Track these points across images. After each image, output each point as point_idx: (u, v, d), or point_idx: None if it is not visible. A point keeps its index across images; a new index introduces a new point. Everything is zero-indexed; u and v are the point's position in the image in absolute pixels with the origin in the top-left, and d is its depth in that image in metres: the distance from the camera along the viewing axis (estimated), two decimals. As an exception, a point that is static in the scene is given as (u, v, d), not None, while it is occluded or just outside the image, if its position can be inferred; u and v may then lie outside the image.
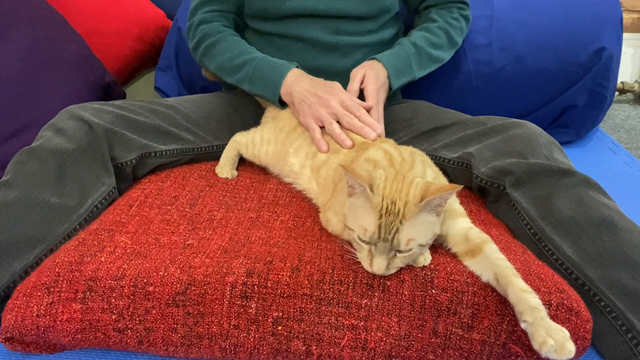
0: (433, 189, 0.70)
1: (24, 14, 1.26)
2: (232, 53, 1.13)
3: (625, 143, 1.80)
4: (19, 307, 0.73)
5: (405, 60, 1.12)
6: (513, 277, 0.69)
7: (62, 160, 0.89)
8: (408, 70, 1.13)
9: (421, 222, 0.70)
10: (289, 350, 0.73)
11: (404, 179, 0.72)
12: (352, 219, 0.72)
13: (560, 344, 0.61)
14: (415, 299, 0.73)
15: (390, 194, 0.70)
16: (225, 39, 1.15)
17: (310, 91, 1.02)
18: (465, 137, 1.01)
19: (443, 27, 1.19)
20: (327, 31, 1.13)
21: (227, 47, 1.14)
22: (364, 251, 0.71)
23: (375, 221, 0.69)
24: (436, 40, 1.18)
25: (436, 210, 0.71)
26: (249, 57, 1.10)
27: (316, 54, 1.14)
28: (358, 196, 0.72)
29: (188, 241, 0.82)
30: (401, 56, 1.13)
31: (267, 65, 1.09)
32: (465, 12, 1.25)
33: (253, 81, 1.09)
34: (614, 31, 1.38)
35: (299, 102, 1.02)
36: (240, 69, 1.10)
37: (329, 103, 0.99)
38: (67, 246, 0.79)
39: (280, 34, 1.15)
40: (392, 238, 0.69)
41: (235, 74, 1.12)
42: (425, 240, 0.71)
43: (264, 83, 1.08)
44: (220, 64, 1.14)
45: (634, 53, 2.29)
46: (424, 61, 1.16)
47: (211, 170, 1.07)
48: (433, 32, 1.18)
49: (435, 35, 1.18)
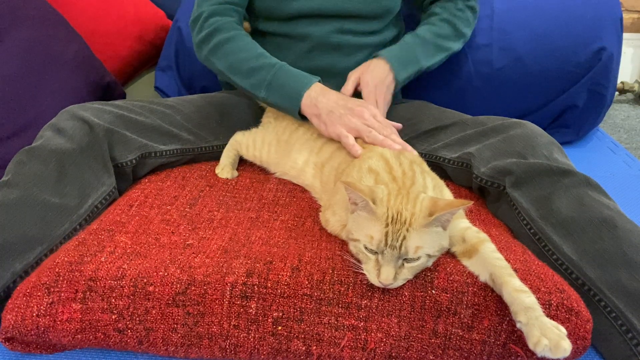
0: (442, 204, 0.69)
1: (24, 14, 1.26)
2: (249, 54, 1.05)
3: (625, 143, 1.80)
4: (19, 307, 0.73)
5: (408, 50, 1.11)
6: (507, 277, 0.69)
7: (62, 160, 0.89)
8: (413, 60, 1.11)
9: (429, 233, 0.70)
10: (289, 350, 0.73)
11: (408, 194, 0.72)
12: (357, 230, 0.72)
13: (554, 342, 0.61)
14: (415, 299, 0.73)
15: (396, 205, 0.70)
16: (241, 37, 1.08)
17: (340, 103, 0.98)
18: (465, 137, 1.01)
19: (446, 19, 1.18)
20: (332, 30, 1.13)
21: (244, 46, 1.07)
22: (371, 262, 0.70)
23: (382, 229, 0.69)
24: (440, 31, 1.16)
25: (443, 225, 0.71)
26: (267, 62, 1.04)
27: (318, 53, 1.14)
28: (361, 210, 0.72)
29: (188, 241, 0.82)
30: (404, 47, 1.12)
31: (289, 73, 1.03)
32: (470, 2, 1.22)
33: (270, 88, 1.02)
34: (614, 31, 1.38)
35: (328, 113, 0.97)
36: (257, 72, 1.03)
37: (363, 114, 0.96)
38: (67, 246, 0.79)
39: (283, 34, 1.14)
40: (400, 245, 0.68)
41: (249, 77, 1.04)
42: (433, 251, 0.71)
43: (283, 92, 1.01)
44: (232, 64, 1.06)
45: (634, 53, 2.29)
46: (430, 50, 1.14)
47: (211, 170, 1.07)
48: (436, 24, 1.17)
49: (438, 26, 1.17)
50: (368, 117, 0.96)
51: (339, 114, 0.97)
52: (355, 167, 0.84)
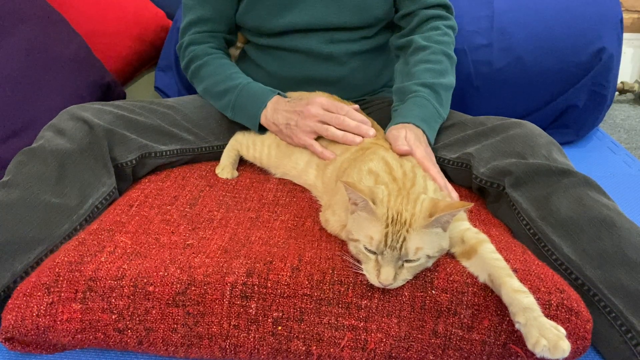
0: (442, 205, 0.69)
1: (24, 14, 1.26)
2: (217, 78, 1.12)
3: (625, 143, 1.80)
4: (19, 307, 0.73)
5: (428, 107, 1.01)
6: (506, 277, 0.69)
7: (62, 160, 0.89)
8: (435, 116, 1.02)
9: (429, 234, 0.70)
10: (289, 350, 0.73)
11: (408, 195, 0.72)
12: (357, 230, 0.72)
13: (553, 343, 0.61)
14: (415, 299, 0.73)
15: (396, 206, 0.70)
16: (211, 62, 1.14)
17: (290, 111, 1.00)
18: (465, 137, 1.01)
19: (438, 50, 1.08)
20: (322, 42, 1.12)
21: (213, 70, 1.13)
22: (371, 262, 0.70)
23: (382, 230, 0.69)
24: (440, 67, 1.06)
25: (443, 226, 0.71)
26: (232, 84, 1.09)
27: (312, 63, 1.14)
28: (361, 210, 0.72)
29: (188, 241, 0.82)
30: (424, 105, 1.01)
31: (248, 95, 1.07)
32: (450, 21, 1.13)
33: (235, 110, 1.08)
34: (614, 31, 1.38)
35: (286, 127, 1.01)
36: (224, 95, 1.10)
37: (310, 112, 0.98)
38: (67, 246, 0.79)
39: (275, 47, 1.15)
40: (400, 247, 0.68)
41: (219, 100, 1.11)
42: (433, 252, 0.71)
43: (244, 114, 1.07)
44: (206, 88, 1.14)
45: (634, 53, 2.29)
46: (443, 96, 1.04)
47: (211, 170, 1.07)
48: (431, 60, 1.06)
49: (436, 62, 1.06)
50: (317, 113, 0.97)
51: (294, 123, 0.99)
52: (356, 169, 0.84)
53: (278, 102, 1.04)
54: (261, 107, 1.05)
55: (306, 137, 0.98)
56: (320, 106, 0.98)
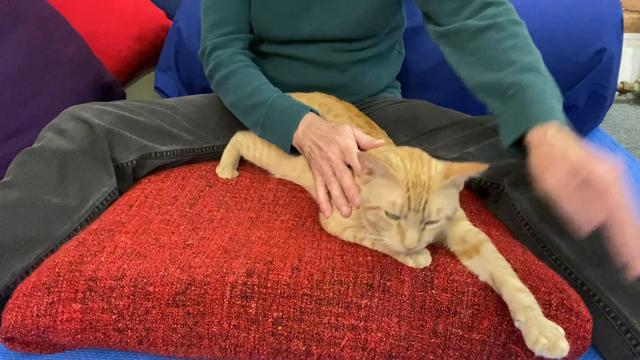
0: (456, 167, 0.71)
1: (24, 14, 1.26)
2: (245, 91, 1.03)
3: (625, 143, 1.80)
4: (19, 307, 0.73)
5: (546, 94, 0.90)
6: (508, 276, 0.69)
7: (63, 161, 0.90)
8: (557, 91, 0.92)
9: (446, 195, 0.71)
10: (289, 350, 0.73)
11: (421, 158, 0.73)
12: (376, 198, 0.72)
13: (552, 342, 0.61)
14: (415, 299, 0.73)
15: (412, 170, 0.71)
16: (239, 71, 1.06)
17: (315, 143, 0.90)
18: (465, 137, 1.01)
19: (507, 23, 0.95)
20: (324, 51, 1.12)
21: (241, 82, 1.05)
22: (393, 228, 0.70)
23: (404, 194, 0.69)
24: (521, 42, 0.94)
25: (457, 188, 0.73)
26: (261, 99, 1.00)
27: (314, 71, 1.14)
28: (379, 177, 0.73)
29: (188, 241, 0.82)
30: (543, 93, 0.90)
31: (280, 112, 0.98)
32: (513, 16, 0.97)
33: (264, 128, 0.99)
34: (614, 31, 1.38)
35: (309, 157, 0.93)
36: (252, 111, 1.02)
37: (328, 157, 0.87)
38: (67, 246, 0.79)
39: (278, 54, 1.15)
40: (423, 208, 0.69)
41: (247, 115, 1.03)
42: (451, 212, 0.72)
43: (275, 133, 0.98)
44: (233, 101, 1.06)
45: (634, 53, 2.29)
46: (546, 74, 0.93)
47: (211, 170, 1.07)
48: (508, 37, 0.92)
49: (511, 37, 0.93)
50: (333, 159, 0.86)
51: (314, 157, 0.90)
52: None
53: (310, 125, 0.93)
54: (293, 127, 0.95)
55: (318, 178, 0.88)
56: (342, 150, 0.85)
